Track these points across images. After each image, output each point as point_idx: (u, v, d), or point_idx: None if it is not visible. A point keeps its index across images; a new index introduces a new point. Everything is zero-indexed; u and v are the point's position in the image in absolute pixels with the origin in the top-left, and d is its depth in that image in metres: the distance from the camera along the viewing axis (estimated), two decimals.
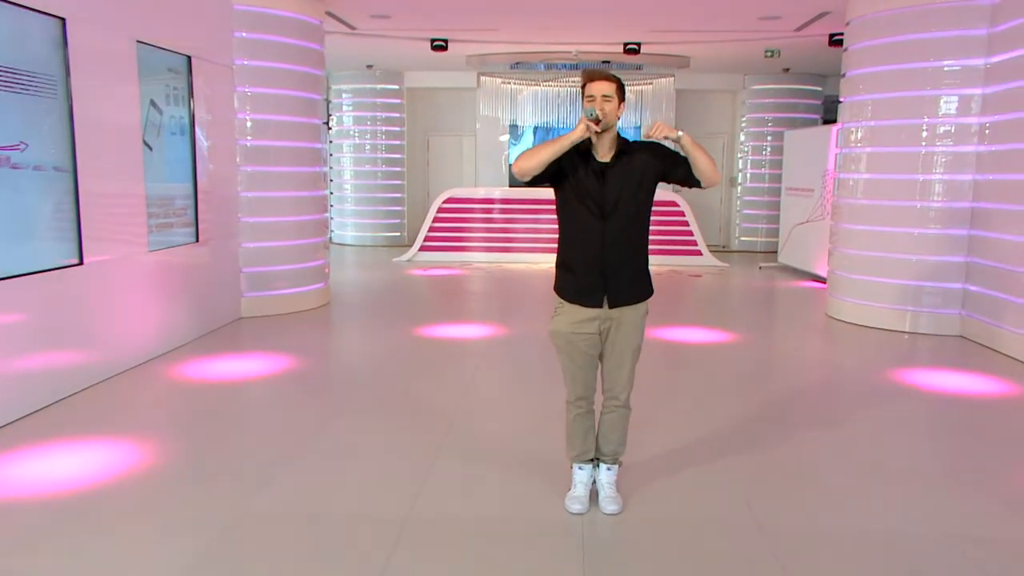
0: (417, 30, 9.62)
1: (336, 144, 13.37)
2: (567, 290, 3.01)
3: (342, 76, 13.18)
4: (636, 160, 2.90)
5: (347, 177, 13.38)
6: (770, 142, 12.89)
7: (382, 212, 13.48)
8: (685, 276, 10.35)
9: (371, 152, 13.29)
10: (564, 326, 3.00)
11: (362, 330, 6.84)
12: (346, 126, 13.28)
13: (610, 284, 2.93)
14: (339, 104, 13.27)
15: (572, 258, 2.97)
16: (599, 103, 2.83)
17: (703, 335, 6.69)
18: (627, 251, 2.94)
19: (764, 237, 13.14)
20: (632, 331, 2.99)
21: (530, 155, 2.80)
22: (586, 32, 9.75)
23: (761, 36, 9.70)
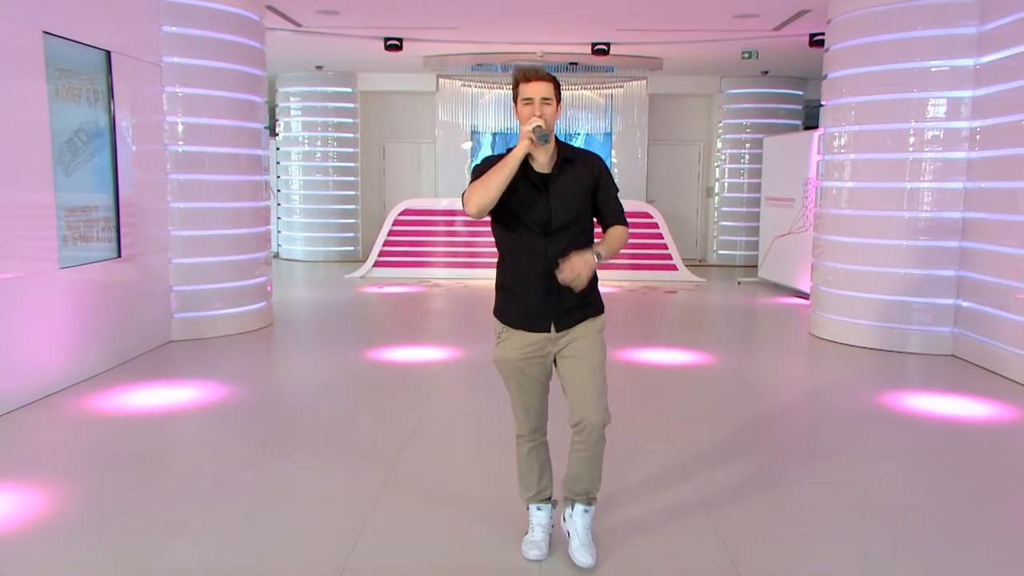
0: (369, 28, 9.52)
1: (284, 152, 13.27)
2: (510, 314, 2.90)
3: (289, 78, 13.06)
4: (580, 170, 2.83)
5: (296, 187, 13.28)
6: (748, 149, 12.95)
7: (334, 225, 13.35)
8: (660, 293, 10.37)
9: (322, 160, 13.16)
10: (511, 352, 2.89)
11: (306, 354, 6.70)
12: (294, 132, 13.17)
13: (556, 306, 2.83)
14: (286, 108, 13.17)
15: (513, 279, 2.88)
16: (538, 106, 2.73)
17: (678, 356, 6.66)
18: None
19: (743, 250, 13.19)
20: (589, 349, 2.85)
21: (481, 190, 2.67)
22: (551, 32, 9.74)
23: (737, 36, 9.72)
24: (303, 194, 13.24)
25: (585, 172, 2.82)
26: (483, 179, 2.69)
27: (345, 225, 13.43)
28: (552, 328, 2.84)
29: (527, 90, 2.75)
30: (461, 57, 11.37)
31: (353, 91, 13.15)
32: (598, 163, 2.88)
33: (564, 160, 2.81)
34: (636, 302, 9.64)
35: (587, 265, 2.68)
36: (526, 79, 2.75)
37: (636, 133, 13.52)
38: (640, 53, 11.06)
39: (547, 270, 2.76)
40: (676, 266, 11.43)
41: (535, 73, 2.75)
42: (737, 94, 12.99)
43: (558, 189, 2.79)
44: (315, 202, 13.22)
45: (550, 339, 2.86)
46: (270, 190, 8.00)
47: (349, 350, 6.70)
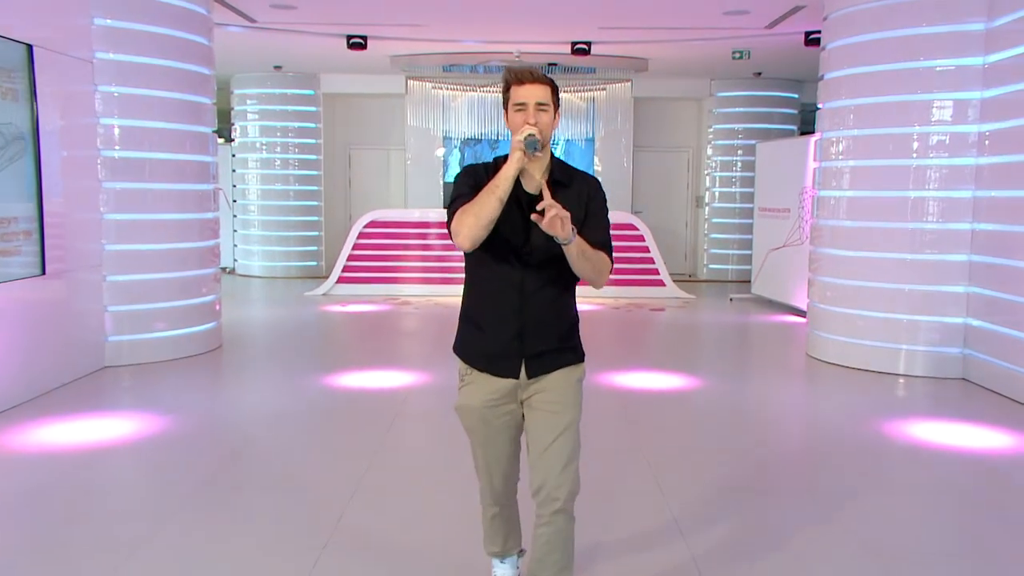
0: (329, 24, 9.43)
1: (240, 159, 13.13)
2: (474, 354, 2.69)
3: (245, 79, 12.93)
4: (571, 196, 2.58)
5: (253, 197, 13.13)
6: (741, 156, 12.98)
7: (295, 238, 13.21)
8: (646, 310, 10.34)
9: (281, 168, 13.04)
10: (476, 400, 2.66)
11: (257, 380, 6.58)
12: (251, 137, 13.02)
13: (529, 348, 2.61)
14: (242, 112, 13.02)
15: (480, 312, 2.67)
16: (532, 113, 2.50)
17: (665, 380, 6.59)
18: (553, 307, 2.64)
19: (735, 264, 13.16)
20: (562, 403, 2.63)
21: (473, 219, 2.44)
22: (528, 30, 9.70)
23: (728, 34, 9.70)
24: (261, 204, 13.09)
25: (575, 198, 2.59)
26: (474, 205, 2.46)
27: (307, 238, 13.29)
28: (522, 373, 2.62)
29: (520, 94, 2.53)
30: (431, 57, 11.32)
31: (315, 93, 13.05)
32: (591, 188, 2.65)
33: (555, 183, 2.58)
34: (620, 320, 9.61)
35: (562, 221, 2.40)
36: (518, 81, 2.54)
37: (621, 139, 13.53)
38: (624, 53, 11.02)
39: (521, 307, 2.58)
40: (663, 281, 11.39)
41: (529, 75, 2.53)
42: (728, 97, 13.00)
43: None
44: (274, 213, 13.06)
45: (520, 385, 2.64)
46: (219, 200, 7.81)
47: (305, 375, 6.59)
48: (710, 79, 13.03)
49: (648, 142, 13.83)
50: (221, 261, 12.86)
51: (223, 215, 12.70)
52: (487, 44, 10.57)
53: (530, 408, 2.64)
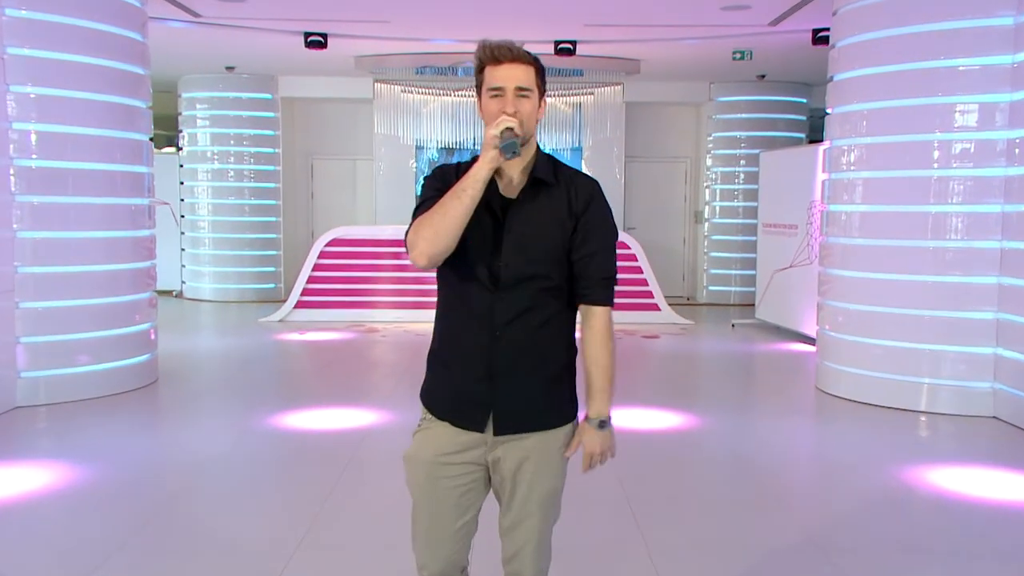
0: (283, 20, 9.33)
1: (188, 169, 13.02)
2: (437, 397, 2.48)
3: (194, 81, 12.82)
4: (557, 199, 2.38)
5: (203, 212, 13.00)
6: (744, 167, 12.98)
7: (250, 258, 13.05)
8: (638, 338, 10.24)
9: (236, 180, 12.92)
10: (427, 451, 2.45)
11: (195, 420, 6.43)
12: (201, 146, 12.90)
13: (501, 397, 2.39)
14: (191, 118, 12.91)
15: (447, 346, 2.47)
16: (511, 100, 2.29)
17: (657, 418, 6.49)
18: (533, 343, 2.40)
19: (738, 286, 13.15)
20: (541, 475, 2.43)
21: (430, 230, 2.27)
22: (505, 27, 9.58)
23: (727, 33, 9.66)
24: (212, 220, 12.96)
25: (563, 202, 2.38)
26: (434, 213, 2.27)
27: (264, 258, 13.14)
28: (489, 427, 2.40)
29: (496, 76, 2.31)
30: (400, 58, 11.27)
31: (273, 97, 13.00)
32: (588, 192, 2.41)
33: (537, 181, 2.37)
34: None
35: (604, 443, 2.46)
36: (494, 60, 2.31)
37: (612, 149, 13.49)
38: (613, 54, 10.98)
39: (491, 342, 2.36)
40: (658, 305, 11.33)
41: (507, 52, 2.31)
42: (729, 102, 13.01)
43: (518, 223, 2.36)
44: (227, 230, 12.94)
45: (484, 442, 2.42)
46: (156, 216, 7.67)
47: (250, 414, 6.46)
48: (709, 82, 13.04)
49: (641, 152, 13.82)
50: (169, 283, 13.32)
51: (170, 232, 12.87)
52: (461, 44, 10.53)
53: (499, 474, 2.44)
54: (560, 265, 2.38)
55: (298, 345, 9.61)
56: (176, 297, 13.25)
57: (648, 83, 12.93)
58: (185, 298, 13.25)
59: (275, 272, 13.26)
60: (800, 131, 12.97)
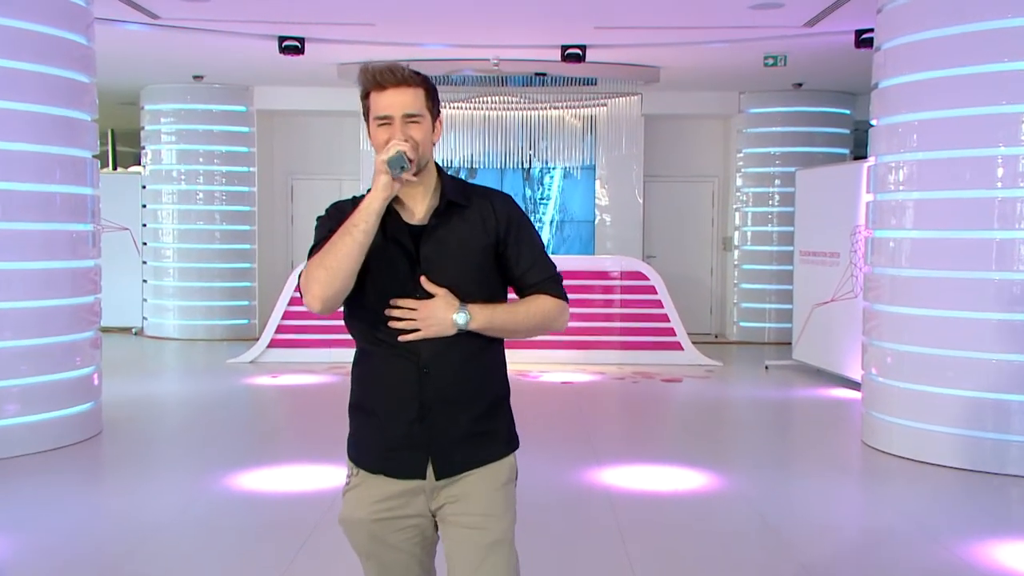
0: (254, 21, 9.28)
1: (152, 191, 13.05)
2: (365, 449, 2.65)
3: (159, 92, 12.87)
4: (472, 220, 2.60)
5: (168, 238, 13.03)
6: (779, 187, 12.94)
7: (221, 290, 13.05)
8: (657, 381, 10.19)
9: (205, 202, 12.92)
10: (362, 510, 2.61)
11: (141, 479, 6.34)
12: (167, 164, 12.93)
13: (436, 437, 2.56)
14: (155, 133, 12.98)
15: (368, 392, 2.64)
16: (400, 129, 2.49)
17: (677, 478, 6.41)
18: (464, 375, 2.59)
19: (773, 322, 13.10)
20: (485, 514, 2.58)
21: (322, 271, 2.44)
22: (506, 30, 9.64)
23: (757, 35, 9.60)
24: (179, 248, 12.96)
25: (479, 222, 2.60)
26: (326, 253, 2.45)
27: (237, 290, 13.11)
28: (429, 472, 2.56)
29: (381, 103, 2.50)
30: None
31: (247, 110, 13.04)
32: (503, 207, 2.64)
33: (448, 205, 2.57)
34: (623, 395, 9.46)
35: (436, 311, 2.49)
36: (377, 86, 2.50)
37: (629, 167, 13.45)
38: (628, 60, 10.96)
39: (420, 377, 2.53)
40: (680, 344, 11.25)
41: (391, 75, 2.48)
42: (762, 115, 13.01)
43: (433, 250, 2.54)
44: (195, 259, 12.93)
45: (425, 490, 2.58)
46: (100, 243, 7.58)
47: (207, 472, 6.41)
48: (738, 92, 13.02)
49: (662, 171, 13.80)
50: (128, 319, 13.38)
51: (130, 262, 13.01)
52: (456, 49, 10.50)
53: (444, 522, 2.60)
54: (485, 286, 2.58)
55: (270, 390, 9.59)
56: (136, 335, 13.24)
57: (669, 93, 12.90)
58: (146, 336, 13.21)
59: (249, 307, 13.20)
60: (843, 146, 12.93)
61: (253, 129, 13.01)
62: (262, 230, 13.38)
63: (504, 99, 12.93)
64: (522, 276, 2.60)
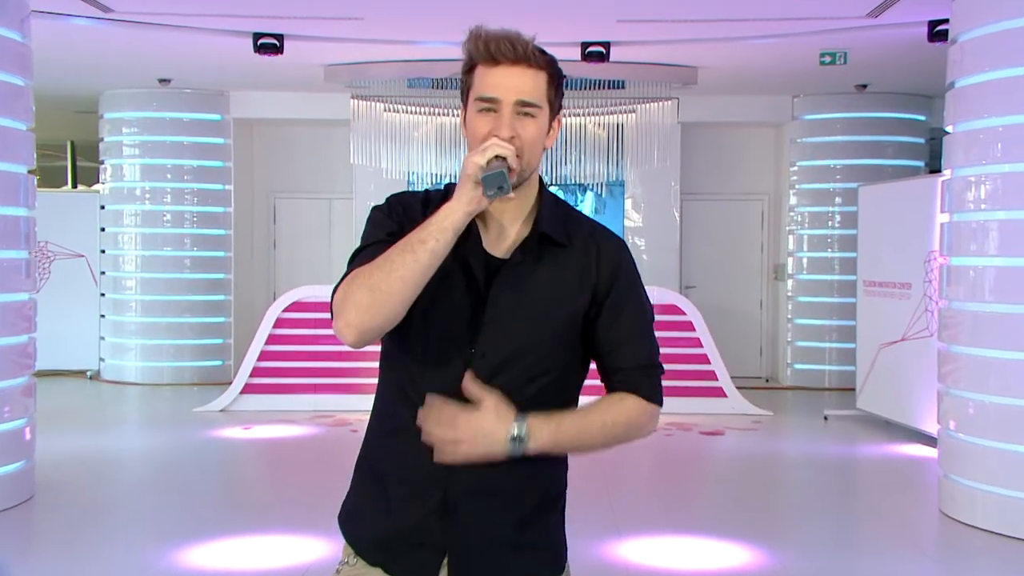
0: (224, 16, 9.24)
1: (111, 212, 13.09)
2: (365, 528, 2.48)
3: (121, 99, 12.89)
4: (572, 264, 2.38)
5: (130, 267, 13.04)
6: (840, 206, 12.88)
7: (191, 327, 13.04)
8: (695, 434, 10.13)
9: (173, 224, 12.90)
10: None
11: (73, 556, 6.20)
12: (129, 181, 12.98)
13: (459, 535, 2.37)
14: (115, 145, 13.00)
15: (386, 457, 2.45)
16: (507, 121, 2.25)
17: (717, 553, 6.35)
18: (512, 462, 2.32)
19: (833, 364, 13.02)
20: None
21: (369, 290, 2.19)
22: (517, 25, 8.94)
23: (812, 27, 9.46)
24: (142, 278, 12.94)
25: (575, 272, 2.38)
26: (377, 266, 2.21)
27: (209, 327, 13.10)
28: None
29: (489, 81, 2.27)
30: (382, 67, 11.24)
31: (223, 119, 13.05)
32: (614, 258, 2.42)
33: (542, 238, 2.35)
34: (653, 449, 9.27)
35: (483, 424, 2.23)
36: (490, 59, 2.26)
37: (665, 184, 13.45)
38: (660, 59, 10.97)
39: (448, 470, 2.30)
40: (723, 390, 11.18)
41: (509, 48, 2.24)
42: (819, 121, 12.99)
43: (509, 297, 2.34)
44: (161, 290, 12.90)
45: None
46: (35, 272, 7.60)
47: (156, 546, 6.33)
48: (791, 96, 13.01)
49: (702, 187, 13.77)
50: (82, 361, 13.36)
51: (85, 294, 12.99)
52: (458, 48, 10.24)
53: None
54: (559, 359, 2.38)
55: (240, 445, 9.59)
56: (91, 379, 13.21)
57: (709, 97, 12.87)
58: (103, 380, 13.16)
59: (223, 345, 13.20)
60: (917, 158, 12.91)
61: (229, 140, 13.00)
62: (239, 257, 13.33)
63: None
64: (611, 353, 2.38)
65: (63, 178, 17.36)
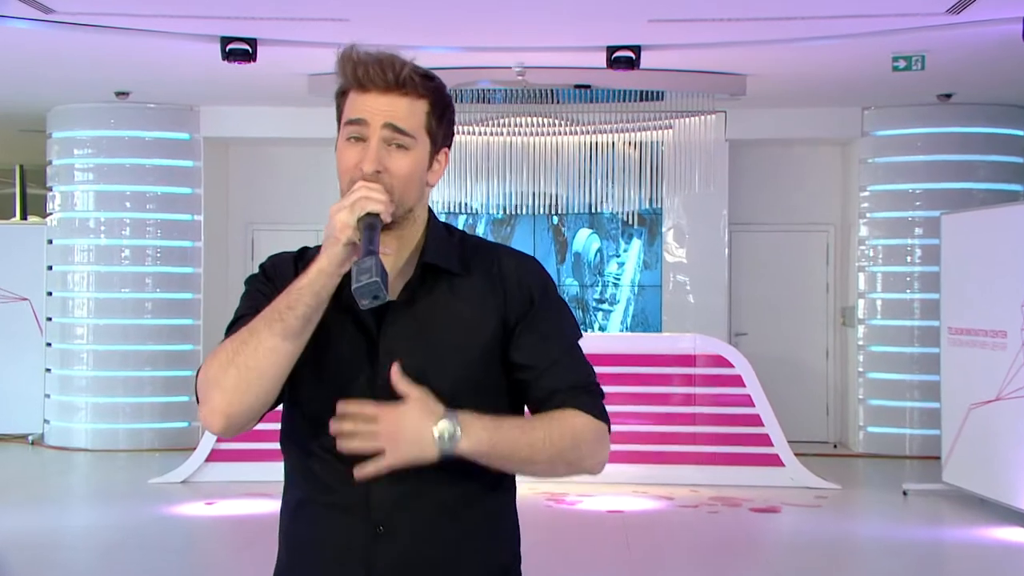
0: (185, 17, 9.25)
1: (60, 247, 13.17)
2: None
3: (72, 115, 13.00)
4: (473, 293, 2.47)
5: (82, 312, 13.09)
6: (920, 238, 12.84)
7: (152, 383, 13.09)
8: (744, 512, 10.04)
9: (133, 262, 12.99)
10: None
11: None
12: (81, 211, 13.07)
13: None
14: (66, 169, 13.08)
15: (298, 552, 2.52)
16: (373, 155, 2.32)
17: None
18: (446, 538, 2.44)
19: (914, 427, 12.90)
20: None
21: (235, 368, 2.27)
22: (534, 28, 9.72)
23: (880, 26, 9.42)
24: (96, 325, 12.98)
25: (477, 298, 2.46)
26: (241, 339, 2.30)
27: (173, 382, 13.04)
28: None
29: (357, 107, 2.35)
30: None
31: (191, 138, 13.17)
32: (519, 273, 2.51)
33: (426, 269, 2.43)
34: (694, 531, 9.41)
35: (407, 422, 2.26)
36: (359, 85, 2.35)
37: (711, 212, 13.49)
38: (702, 65, 11.08)
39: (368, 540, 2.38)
40: (780, 458, 11.09)
41: (378, 72, 2.32)
42: (895, 138, 12.98)
43: (403, 341, 2.40)
44: (118, 339, 12.95)
45: None
46: None
47: None
48: (861, 108, 12.99)
49: (754, 216, 13.82)
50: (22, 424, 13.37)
51: (28, 344, 13.03)
52: (465, 54, 10.54)
53: None
54: (479, 397, 2.39)
55: (202, 524, 9.62)
56: (33, 445, 13.16)
57: (762, 110, 12.90)
58: (47, 446, 13.12)
59: (189, 404, 12.84)
60: (1012, 180, 12.89)
61: (199, 163, 13.08)
62: (210, 300, 13.29)
63: (532, 121, 12.89)
64: (538, 379, 2.43)
65: (11, 208, 17.40)
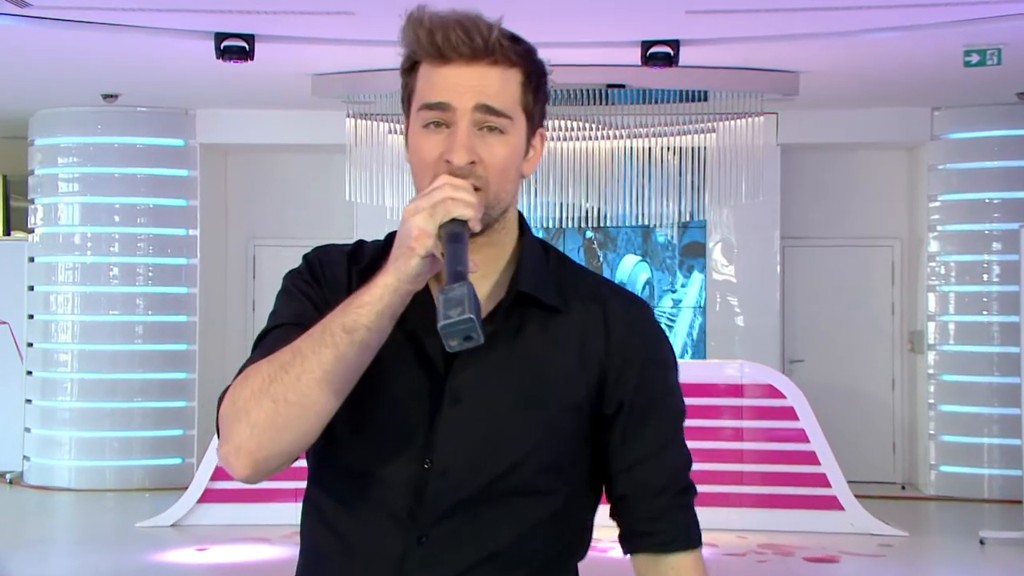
0: (177, 11, 9.38)
1: (42, 265, 13.27)
2: None
3: (55, 120, 13.13)
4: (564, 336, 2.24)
5: (66, 337, 13.20)
6: (999, 254, 12.83)
7: (143, 415, 13.13)
8: (798, 561, 10.04)
9: (123, 282, 13.06)
10: None
11: None
12: (66, 225, 13.20)
13: None
14: (49, 180, 13.21)
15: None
16: (464, 144, 2.07)
17: None
18: None
19: (994, 467, 12.84)
20: None
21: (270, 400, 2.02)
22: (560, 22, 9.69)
23: (949, 16, 9.44)
24: (81, 350, 13.08)
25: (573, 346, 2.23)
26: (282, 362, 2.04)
27: (167, 414, 13.16)
28: None
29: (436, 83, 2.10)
30: (386, 77, 11.13)
31: (186, 145, 13.23)
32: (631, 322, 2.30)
33: (519, 299, 2.20)
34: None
35: None
36: (437, 54, 2.08)
37: (761, 225, 13.54)
38: (748, 63, 11.19)
39: None
40: (839, 500, 11.00)
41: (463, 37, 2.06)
42: (969, 142, 13.05)
43: (475, 388, 2.18)
44: (105, 366, 13.02)
45: None
46: None
47: None
48: (930, 108, 13.01)
49: (810, 229, 13.90)
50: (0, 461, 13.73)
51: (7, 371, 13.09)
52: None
53: None
54: (562, 468, 2.24)
55: (193, 573, 9.69)
56: (12, 484, 13.25)
57: (817, 112, 12.96)
58: (27, 486, 13.19)
59: (183, 438, 13.19)
60: None
61: (195, 172, 13.13)
62: (207, 323, 13.44)
63: (560, 124, 12.84)
64: (632, 470, 2.24)
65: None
